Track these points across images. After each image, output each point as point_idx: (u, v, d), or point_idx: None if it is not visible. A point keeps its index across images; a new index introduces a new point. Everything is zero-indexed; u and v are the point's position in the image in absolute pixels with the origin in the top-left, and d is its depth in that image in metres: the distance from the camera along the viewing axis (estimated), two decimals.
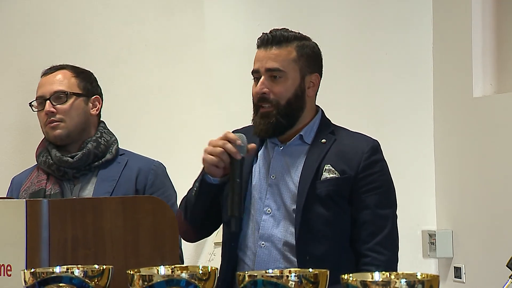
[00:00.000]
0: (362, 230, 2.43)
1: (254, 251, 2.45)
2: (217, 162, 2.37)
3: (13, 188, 2.83)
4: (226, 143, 2.37)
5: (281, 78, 2.45)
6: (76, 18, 3.63)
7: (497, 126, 3.65)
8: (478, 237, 3.74)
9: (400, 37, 3.91)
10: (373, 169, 2.45)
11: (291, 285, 1.73)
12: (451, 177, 3.90)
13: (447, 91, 3.89)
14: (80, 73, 2.81)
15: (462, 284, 3.80)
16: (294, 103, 2.45)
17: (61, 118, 2.73)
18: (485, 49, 3.74)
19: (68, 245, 2.10)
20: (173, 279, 1.80)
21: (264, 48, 2.46)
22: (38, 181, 2.73)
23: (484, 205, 3.71)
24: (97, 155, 2.73)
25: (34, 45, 3.59)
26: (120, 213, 2.20)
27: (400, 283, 1.63)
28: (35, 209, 2.08)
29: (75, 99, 2.75)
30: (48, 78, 2.78)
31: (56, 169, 2.71)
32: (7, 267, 2.08)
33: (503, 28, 3.74)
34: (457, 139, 3.85)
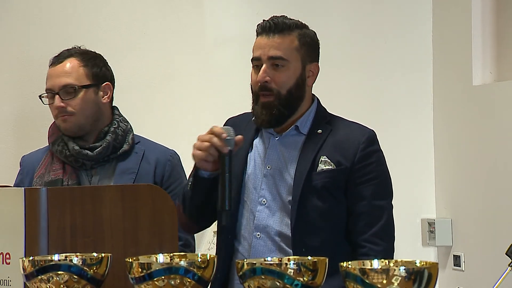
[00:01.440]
0: (358, 221, 2.42)
1: (249, 241, 2.45)
2: (205, 157, 2.36)
3: (24, 170, 2.77)
4: (212, 138, 2.35)
5: (284, 67, 2.42)
6: (76, 9, 3.62)
7: (496, 115, 3.64)
8: (477, 226, 3.74)
9: (400, 26, 3.91)
10: (369, 160, 2.44)
11: (290, 273, 1.73)
12: (450, 165, 3.90)
13: (447, 79, 3.89)
14: (88, 60, 2.72)
15: (461, 272, 3.80)
16: (295, 93, 2.44)
17: (72, 111, 2.67)
18: (485, 37, 3.73)
19: (67, 233, 2.09)
20: (171, 267, 1.80)
21: (266, 36, 2.43)
22: (54, 170, 2.68)
23: (483, 194, 3.71)
24: (115, 147, 2.70)
25: (33, 36, 3.58)
26: (119, 202, 2.19)
27: (399, 271, 1.63)
28: (33, 198, 2.07)
29: (85, 91, 2.69)
30: (56, 69, 2.70)
31: (74, 160, 2.67)
32: (6, 255, 2.07)
33: (502, 17, 3.73)
34: (456, 128, 3.85)
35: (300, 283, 1.73)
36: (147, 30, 3.66)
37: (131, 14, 3.67)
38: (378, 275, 1.63)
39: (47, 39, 3.58)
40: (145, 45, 3.59)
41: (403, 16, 3.91)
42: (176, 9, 3.69)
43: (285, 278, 1.73)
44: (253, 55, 2.46)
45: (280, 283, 1.73)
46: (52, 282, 1.84)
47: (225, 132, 2.36)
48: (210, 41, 3.71)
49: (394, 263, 1.71)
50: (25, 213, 2.05)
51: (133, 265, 1.82)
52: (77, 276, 1.85)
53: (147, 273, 1.79)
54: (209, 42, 3.71)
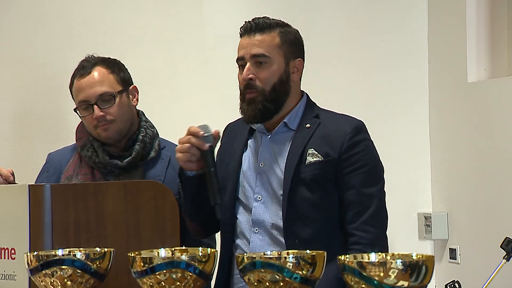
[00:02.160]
0: (348, 210, 2.41)
1: (248, 237, 2.45)
2: (188, 157, 2.37)
3: (50, 167, 2.74)
4: (190, 138, 2.36)
5: (266, 64, 2.43)
6: (79, 9, 3.62)
7: (491, 111, 3.65)
8: (472, 219, 3.75)
9: (396, 24, 3.91)
10: (356, 150, 2.42)
11: (289, 266, 1.74)
12: (446, 161, 3.90)
13: (442, 76, 3.89)
14: (113, 66, 2.70)
15: (457, 265, 3.80)
16: (279, 89, 2.44)
17: (112, 119, 2.64)
18: (479, 35, 3.73)
19: (71, 229, 2.10)
20: (173, 261, 1.80)
21: (248, 35, 2.44)
22: (83, 173, 2.66)
23: (478, 188, 3.71)
24: (143, 155, 2.68)
25: (37, 36, 3.58)
26: (122, 197, 2.20)
27: (396, 264, 1.63)
28: (37, 194, 2.08)
29: (120, 97, 2.66)
30: (87, 81, 2.65)
31: (103, 167, 2.65)
32: (11, 251, 2.08)
33: (496, 16, 3.73)
34: (452, 124, 3.85)
35: (299, 276, 1.74)
36: (148, 29, 3.65)
37: (132, 14, 3.66)
38: (376, 268, 1.63)
39: (50, 38, 3.58)
40: (146, 45, 3.59)
41: (399, 15, 3.91)
42: (177, 8, 3.69)
43: (284, 271, 1.73)
44: (238, 55, 2.47)
45: (280, 277, 1.73)
46: (56, 276, 1.85)
47: (202, 130, 2.37)
48: (210, 40, 3.71)
49: (391, 256, 1.71)
50: (30, 209, 2.06)
51: (135, 260, 1.82)
52: (81, 270, 1.86)
53: (149, 267, 1.79)
54: (209, 41, 3.71)
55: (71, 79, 2.69)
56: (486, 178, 3.67)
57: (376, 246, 2.32)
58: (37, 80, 3.59)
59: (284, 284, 1.74)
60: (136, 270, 1.82)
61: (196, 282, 1.82)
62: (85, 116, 2.66)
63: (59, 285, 1.85)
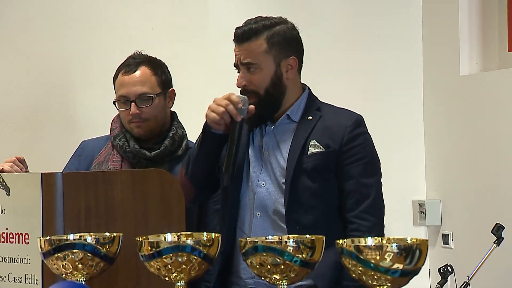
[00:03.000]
0: (348, 199, 2.42)
1: (250, 221, 2.46)
2: (218, 120, 2.39)
3: (83, 153, 2.76)
4: (229, 104, 2.38)
5: (256, 70, 2.44)
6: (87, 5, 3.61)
7: (482, 102, 3.65)
8: (465, 206, 3.75)
9: (392, 20, 3.90)
10: (355, 142, 2.43)
11: (289, 250, 1.74)
12: (439, 151, 3.90)
13: (436, 69, 3.89)
14: (156, 66, 2.71)
15: (450, 250, 3.81)
16: (273, 91, 2.45)
17: (146, 118, 2.65)
18: (472, 30, 3.73)
19: (82, 215, 2.10)
20: (179, 245, 1.81)
21: (238, 44, 2.47)
22: (113, 160, 2.67)
23: (470, 176, 3.71)
24: (171, 151, 2.68)
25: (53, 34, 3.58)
26: (130, 185, 2.20)
27: (391, 247, 1.63)
28: (50, 182, 2.08)
29: (158, 99, 2.67)
30: (130, 78, 2.66)
31: (132, 156, 2.66)
32: (25, 236, 2.08)
33: (488, 11, 3.73)
34: (445, 115, 3.85)
35: (299, 259, 1.74)
36: (154, 25, 3.65)
37: (140, 11, 3.66)
38: (372, 252, 1.63)
39: (60, 36, 3.58)
40: (153, 40, 3.58)
41: (395, 11, 3.90)
42: (182, 5, 3.69)
43: (285, 255, 1.74)
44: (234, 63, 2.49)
45: (280, 260, 1.74)
46: (68, 259, 1.85)
47: (241, 101, 2.38)
48: (214, 36, 3.71)
49: (387, 240, 1.72)
50: (42, 197, 2.06)
51: (143, 244, 1.82)
52: (91, 254, 1.86)
53: (156, 251, 1.80)
54: (212, 36, 3.71)
55: (116, 71, 2.71)
56: (478, 167, 3.67)
57: (374, 233, 2.32)
58: (48, 75, 3.59)
59: (285, 267, 1.74)
60: (143, 254, 1.82)
61: (201, 265, 1.82)
62: (122, 110, 2.68)
63: (71, 268, 1.85)
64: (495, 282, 3.51)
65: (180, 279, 1.82)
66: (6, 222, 2.12)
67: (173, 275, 1.82)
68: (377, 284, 1.64)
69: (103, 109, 3.24)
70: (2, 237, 2.12)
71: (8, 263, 2.10)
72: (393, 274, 1.63)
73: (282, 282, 1.76)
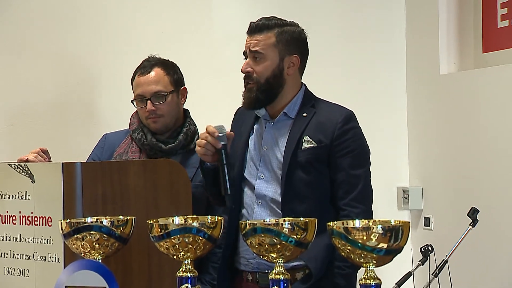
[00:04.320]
0: (339, 189, 2.41)
1: (252, 207, 2.46)
2: (204, 152, 2.38)
3: (105, 144, 2.77)
4: (207, 136, 2.37)
5: (261, 59, 2.43)
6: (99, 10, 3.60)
7: (460, 99, 3.64)
8: (444, 192, 3.75)
9: (378, 25, 3.90)
10: (346, 137, 2.42)
11: (285, 231, 1.74)
12: (421, 143, 3.89)
13: (418, 68, 3.88)
14: (169, 67, 2.72)
15: (430, 231, 3.80)
16: (272, 81, 2.44)
17: (161, 114, 2.66)
18: (450, 33, 3.73)
19: (99, 201, 2.10)
20: (186, 227, 1.81)
21: (250, 35, 2.46)
22: (132, 152, 2.68)
23: (449, 166, 3.71)
24: (184, 144, 2.69)
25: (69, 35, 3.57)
26: (142, 174, 2.20)
27: (377, 229, 1.63)
28: (70, 171, 2.08)
29: (171, 96, 2.68)
30: (145, 78, 2.68)
31: (149, 149, 2.67)
32: (48, 219, 2.08)
33: (464, 15, 3.73)
34: (426, 111, 3.85)
35: (293, 239, 1.74)
36: (164, 29, 3.64)
37: (151, 17, 3.65)
38: (359, 232, 1.63)
39: (83, 38, 3.57)
40: (163, 42, 3.57)
41: (381, 17, 3.89)
42: (188, 10, 3.67)
43: (281, 236, 1.74)
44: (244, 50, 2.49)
45: (277, 240, 1.74)
46: (86, 240, 1.85)
47: (217, 131, 2.37)
48: (218, 37, 3.70)
49: (373, 222, 1.71)
50: (63, 184, 2.06)
51: (153, 226, 1.82)
52: (107, 235, 1.86)
53: (165, 232, 1.80)
54: (217, 38, 3.70)
55: (133, 74, 2.73)
56: (456, 157, 3.67)
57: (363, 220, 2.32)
58: (72, 75, 3.58)
59: (281, 246, 1.74)
60: (154, 235, 1.82)
61: (206, 245, 1.82)
62: (139, 108, 2.70)
63: (89, 247, 1.85)
64: (470, 260, 3.51)
65: (187, 258, 1.82)
66: (31, 206, 2.12)
67: (180, 254, 1.81)
68: (364, 261, 1.64)
69: (120, 105, 3.24)
70: (27, 220, 2.12)
71: (33, 243, 2.11)
72: (378, 253, 1.62)
73: (278, 260, 1.76)
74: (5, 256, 2.16)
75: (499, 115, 3.42)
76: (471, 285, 3.49)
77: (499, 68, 3.44)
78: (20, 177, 2.14)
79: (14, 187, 2.15)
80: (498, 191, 3.42)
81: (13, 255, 2.15)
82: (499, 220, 3.38)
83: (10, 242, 2.16)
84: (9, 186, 2.16)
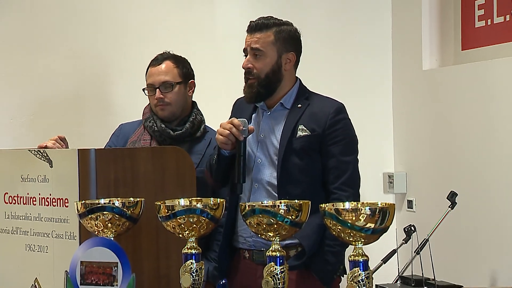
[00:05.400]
0: (330, 174, 2.40)
1: (249, 190, 2.45)
2: (226, 141, 2.37)
3: (120, 133, 2.76)
4: (232, 128, 2.36)
5: (261, 56, 2.42)
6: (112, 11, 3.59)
7: (440, 92, 3.64)
8: (426, 178, 3.75)
9: (367, 24, 3.89)
10: (336, 126, 2.41)
11: (281, 212, 1.73)
12: (405, 132, 3.89)
13: (403, 64, 3.87)
14: (179, 62, 2.72)
15: (413, 213, 3.81)
16: (272, 77, 2.43)
17: (168, 102, 2.65)
18: (432, 32, 3.72)
19: (111, 184, 2.09)
20: (190, 208, 1.80)
21: (250, 34, 2.45)
22: (144, 139, 2.68)
23: (431, 153, 3.71)
24: (191, 133, 2.68)
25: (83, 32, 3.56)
26: (150, 160, 2.19)
27: (365, 210, 1.62)
28: (85, 157, 2.07)
29: (178, 87, 2.67)
30: (156, 69, 2.68)
31: (159, 135, 2.66)
32: (65, 200, 2.08)
33: (445, 16, 3.72)
34: (410, 103, 3.84)
35: (289, 220, 1.73)
36: (171, 27, 3.63)
37: (158, 15, 3.63)
38: (349, 213, 1.62)
39: (104, 36, 3.56)
40: (170, 38, 3.55)
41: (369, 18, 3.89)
42: (192, 8, 3.66)
43: (277, 216, 1.73)
44: (243, 48, 2.47)
45: (274, 220, 1.73)
46: (100, 220, 1.84)
47: (242, 124, 2.36)
48: (220, 35, 3.68)
49: (361, 204, 1.70)
50: (79, 168, 2.05)
51: (161, 207, 1.82)
52: (118, 215, 1.85)
53: (172, 213, 1.79)
54: (219, 36, 3.68)
55: (148, 66, 2.73)
56: (436, 145, 3.67)
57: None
58: (89, 69, 3.57)
59: (278, 226, 1.73)
60: (161, 215, 1.82)
61: (209, 224, 1.82)
62: (150, 96, 2.69)
63: (102, 226, 1.85)
64: (449, 239, 3.52)
65: (192, 236, 1.81)
66: (50, 189, 2.11)
67: (185, 233, 1.81)
68: (353, 240, 1.63)
69: (131, 98, 3.23)
70: (46, 202, 2.12)
71: (51, 222, 2.10)
72: (366, 232, 1.62)
73: (275, 238, 1.75)
74: (26, 234, 2.16)
75: (475, 107, 3.42)
76: (450, 261, 3.50)
77: (476, 64, 3.43)
78: (40, 162, 2.13)
79: (34, 171, 2.14)
80: (475, 176, 3.42)
81: (33, 233, 2.14)
82: (476, 203, 3.39)
83: (30, 221, 2.15)
84: (30, 170, 2.16)
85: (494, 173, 3.32)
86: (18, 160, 2.19)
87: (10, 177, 2.20)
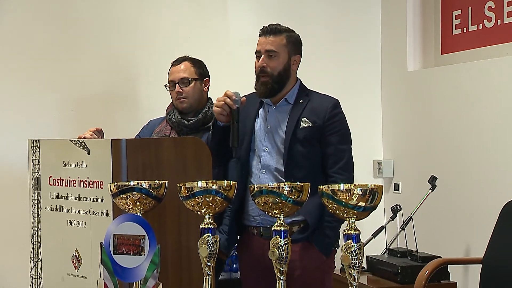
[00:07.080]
0: (328, 160, 2.42)
1: (258, 176, 2.45)
2: (221, 111, 2.37)
3: (148, 126, 2.80)
4: (226, 98, 2.37)
5: (275, 57, 2.43)
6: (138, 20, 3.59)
7: (423, 91, 3.63)
8: (410, 164, 3.74)
9: (359, 29, 3.88)
10: (334, 119, 2.43)
11: (285, 193, 1.73)
12: (392, 125, 3.88)
13: (390, 66, 3.86)
14: (196, 62, 2.74)
15: (399, 195, 3.81)
16: (283, 75, 2.44)
17: (186, 96, 2.66)
18: (415, 38, 3.73)
19: (139, 169, 2.09)
20: (207, 189, 1.80)
21: (264, 36, 2.45)
22: (165, 130, 2.70)
23: (415, 143, 3.70)
24: (204, 122, 2.68)
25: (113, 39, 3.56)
26: (173, 149, 2.18)
27: (357, 190, 1.61)
28: (117, 145, 2.07)
29: (194, 83, 2.68)
30: (176, 68, 2.71)
31: (177, 126, 2.68)
32: (100, 183, 2.08)
33: (426, 24, 3.71)
34: (397, 99, 3.83)
35: (291, 199, 1.73)
36: (190, 34, 3.63)
37: (179, 24, 3.64)
38: (343, 194, 1.62)
39: (133, 42, 3.57)
40: (189, 44, 3.56)
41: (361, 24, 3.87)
42: (209, 18, 3.66)
43: (282, 196, 1.73)
44: (256, 49, 2.47)
45: (279, 200, 1.73)
46: (130, 199, 1.85)
47: (234, 95, 2.36)
48: (233, 40, 3.68)
49: (354, 186, 1.70)
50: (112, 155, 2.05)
51: (181, 188, 1.82)
52: (146, 195, 1.86)
53: (191, 193, 1.79)
54: (232, 41, 3.68)
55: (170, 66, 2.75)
56: (420, 137, 3.66)
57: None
58: (119, 72, 3.58)
59: (282, 204, 1.73)
60: (182, 195, 1.82)
61: (222, 203, 1.82)
62: (171, 91, 2.72)
63: (131, 205, 1.85)
64: (430, 217, 3.52)
65: (208, 213, 1.81)
66: (87, 173, 2.12)
67: (203, 210, 1.81)
68: (347, 216, 1.63)
69: (155, 96, 3.23)
70: (84, 184, 2.12)
71: (89, 201, 2.11)
72: (358, 210, 1.61)
73: (280, 215, 1.75)
74: (68, 212, 2.17)
75: (453, 103, 3.42)
76: (431, 236, 3.50)
77: (454, 66, 3.43)
78: (79, 150, 2.13)
79: (74, 158, 2.15)
80: (452, 163, 3.42)
81: (73, 211, 2.15)
82: (453, 185, 3.38)
83: (71, 201, 2.16)
84: (70, 157, 2.16)
85: (468, 160, 3.31)
86: (61, 149, 2.20)
87: (54, 163, 2.20)
